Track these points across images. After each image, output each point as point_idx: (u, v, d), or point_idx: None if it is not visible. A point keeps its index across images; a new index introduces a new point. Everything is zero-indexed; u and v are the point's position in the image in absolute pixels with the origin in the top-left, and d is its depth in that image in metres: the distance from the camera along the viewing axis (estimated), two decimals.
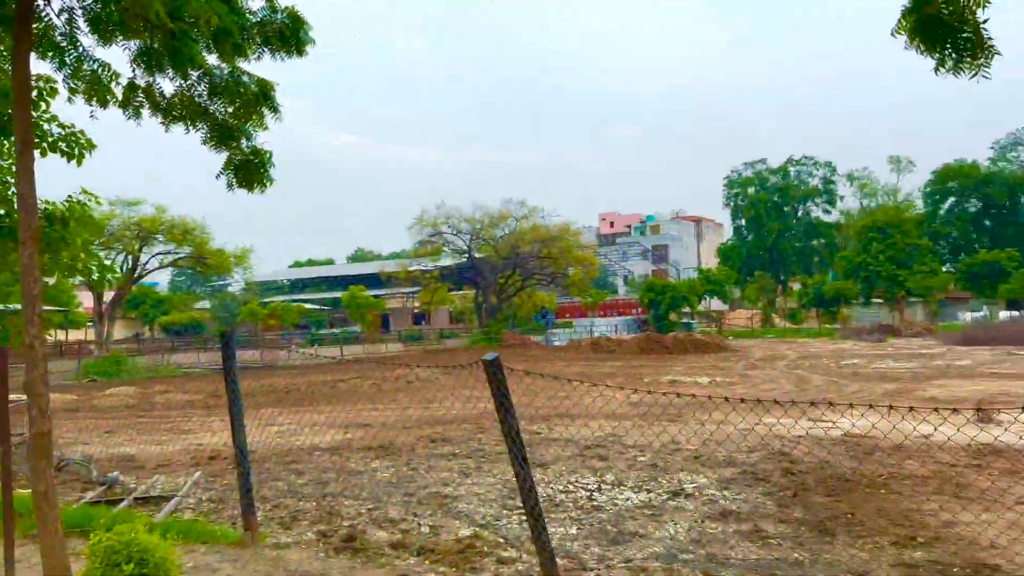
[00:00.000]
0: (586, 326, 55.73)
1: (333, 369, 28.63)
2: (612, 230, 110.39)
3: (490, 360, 5.03)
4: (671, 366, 26.93)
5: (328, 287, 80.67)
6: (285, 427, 13.49)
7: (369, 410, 16.04)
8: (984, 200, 69.12)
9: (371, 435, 12.22)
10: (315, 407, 17.07)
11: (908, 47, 4.70)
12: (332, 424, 13.75)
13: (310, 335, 55.04)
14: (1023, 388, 16.65)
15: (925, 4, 4.50)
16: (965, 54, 4.52)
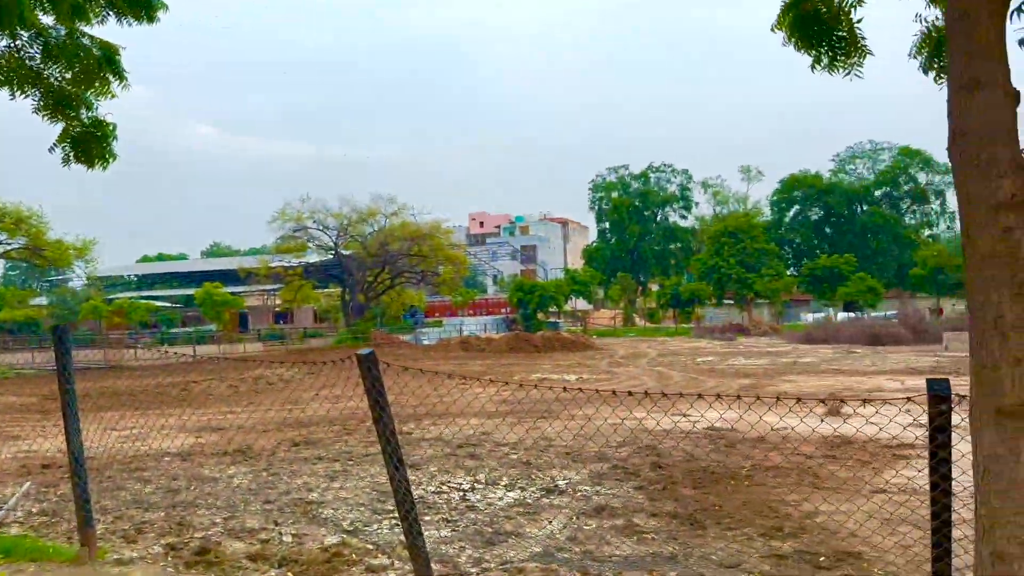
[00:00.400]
0: (455, 325, 55.58)
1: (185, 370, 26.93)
2: (482, 230, 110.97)
3: (365, 355, 4.70)
4: (540, 364, 27.21)
5: (181, 284, 76.21)
6: (131, 431, 12.42)
7: (225, 413, 15.10)
8: (825, 209, 74.74)
9: (227, 439, 11.44)
10: (165, 410, 15.88)
11: (786, 43, 4.78)
12: (184, 428, 12.78)
13: (160, 334, 51.72)
14: (863, 383, 17.98)
15: (803, 1, 4.57)
16: (839, 52, 4.64)
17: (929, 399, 2.86)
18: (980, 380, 2.54)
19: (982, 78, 2.55)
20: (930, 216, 77.29)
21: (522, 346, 36.36)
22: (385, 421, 4.63)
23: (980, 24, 2.54)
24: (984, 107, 2.54)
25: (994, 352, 2.50)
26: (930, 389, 2.87)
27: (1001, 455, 2.45)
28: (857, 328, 38.70)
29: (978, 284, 2.54)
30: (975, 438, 2.55)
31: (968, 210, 2.58)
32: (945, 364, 22.81)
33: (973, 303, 2.58)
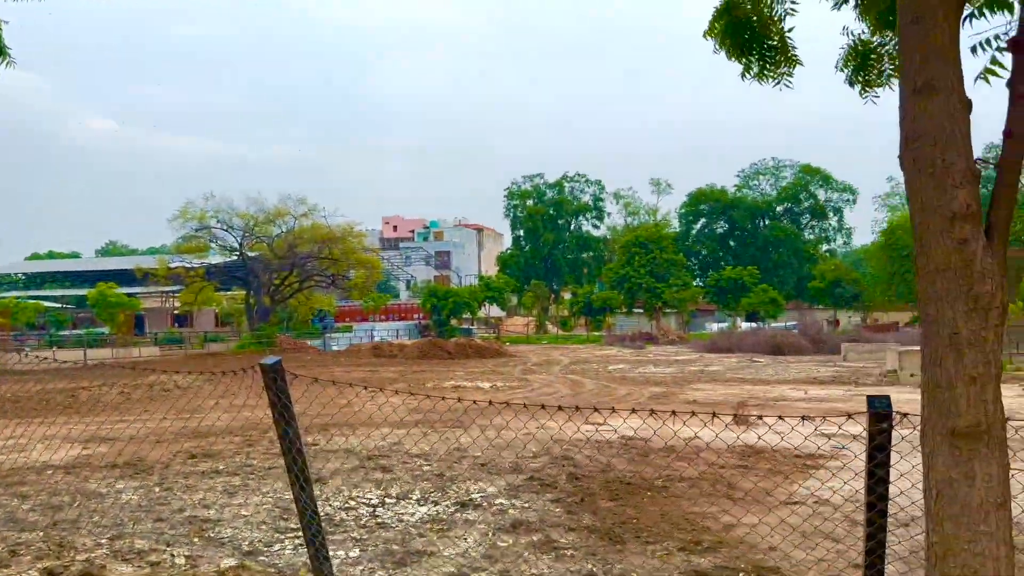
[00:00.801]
0: (367, 330, 54.53)
1: (73, 375, 25.30)
2: (396, 234, 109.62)
3: (270, 364, 4.34)
4: (453, 371, 26.88)
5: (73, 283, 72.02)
6: (9, 442, 11.42)
7: (115, 422, 14.15)
8: (730, 222, 77.31)
9: (117, 451, 10.65)
10: (49, 418, 14.75)
11: (717, 51, 4.69)
12: (69, 438, 11.86)
13: (48, 336, 48.62)
14: (768, 391, 18.47)
15: (734, 7, 4.49)
16: (769, 62, 4.58)
17: (869, 416, 2.75)
18: (933, 399, 2.44)
19: (936, 82, 2.47)
20: (828, 232, 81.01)
21: (435, 353, 35.93)
22: (291, 437, 4.27)
23: (935, 27, 2.46)
24: (938, 112, 2.45)
25: (948, 370, 2.40)
26: (870, 406, 2.77)
27: (955, 479, 2.35)
28: (759, 338, 40.03)
29: (931, 297, 2.45)
30: (927, 460, 2.45)
31: (921, 219, 2.48)
32: (844, 374, 23.76)
33: (925, 317, 2.48)
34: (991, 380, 2.38)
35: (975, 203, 2.43)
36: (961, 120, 2.47)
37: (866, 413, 2.79)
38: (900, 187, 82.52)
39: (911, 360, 19.38)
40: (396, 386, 20.92)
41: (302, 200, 51.97)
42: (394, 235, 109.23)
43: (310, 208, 52.01)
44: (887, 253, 58.11)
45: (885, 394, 2.79)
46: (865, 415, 2.81)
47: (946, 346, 2.41)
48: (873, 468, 2.79)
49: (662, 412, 5.81)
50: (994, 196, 2.55)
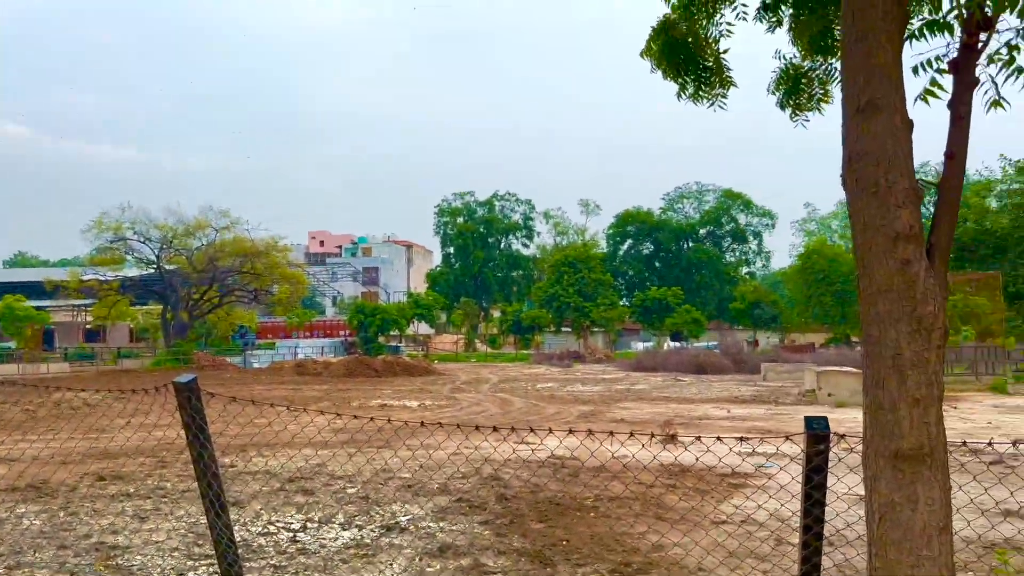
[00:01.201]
0: (290, 347, 53.21)
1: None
2: (322, 249, 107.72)
3: (184, 383, 4.08)
4: (380, 389, 26.40)
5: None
6: None
7: (17, 441, 13.28)
8: (655, 244, 78.95)
9: (18, 472, 9.97)
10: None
11: (654, 70, 4.70)
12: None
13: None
14: (692, 410, 18.76)
15: (671, 27, 4.51)
16: (704, 83, 4.61)
17: (807, 437, 2.73)
18: (876, 421, 2.42)
19: (879, 101, 2.47)
20: (748, 255, 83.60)
21: (362, 370, 35.25)
22: (206, 460, 4.01)
23: (879, 47, 2.47)
24: (881, 132, 2.46)
25: (891, 392, 2.38)
26: (808, 427, 2.75)
27: (898, 502, 2.33)
28: (683, 357, 40.79)
29: (873, 318, 2.43)
30: (869, 484, 2.42)
31: (864, 239, 2.47)
32: (764, 393, 24.35)
33: (868, 338, 2.47)
34: (934, 402, 2.38)
35: (917, 224, 2.43)
36: (904, 140, 2.48)
37: (804, 434, 2.76)
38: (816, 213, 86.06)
39: (828, 380, 20.01)
40: (320, 405, 20.38)
41: (224, 212, 50.57)
42: (321, 250, 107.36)
43: (232, 221, 50.63)
44: (803, 277, 60.27)
45: (822, 415, 2.77)
46: (803, 436, 2.79)
47: (889, 367, 2.40)
48: (810, 490, 2.76)
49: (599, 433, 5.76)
50: (935, 217, 2.57)
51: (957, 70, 2.62)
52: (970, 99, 2.61)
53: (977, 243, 29.89)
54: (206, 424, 4.01)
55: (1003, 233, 28.96)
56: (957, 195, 2.55)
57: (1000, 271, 28.94)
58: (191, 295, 49.60)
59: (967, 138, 2.58)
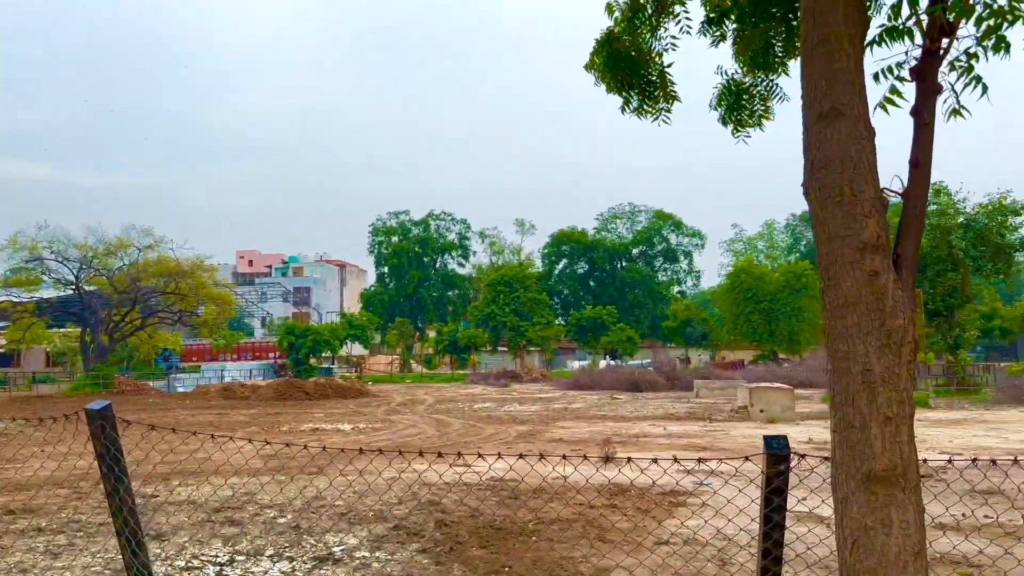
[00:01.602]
0: (217, 370, 51.53)
1: None
2: (251, 269, 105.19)
3: (97, 410, 3.74)
4: (311, 413, 25.69)
5: None
6: None
7: None
8: (590, 263, 79.76)
9: None
10: None
11: (597, 83, 4.61)
12: None
13: None
14: (630, 428, 18.79)
15: (614, 40, 4.43)
16: (648, 97, 4.54)
17: (767, 458, 2.62)
18: (846, 441, 2.31)
19: (843, 107, 2.40)
20: (679, 274, 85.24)
21: (292, 393, 34.30)
22: (122, 494, 3.69)
23: (841, 51, 2.40)
24: (844, 138, 2.38)
25: (862, 409, 2.28)
26: (768, 447, 2.64)
27: (871, 527, 2.22)
28: (618, 375, 41.12)
29: (840, 332, 2.34)
30: (840, 507, 2.31)
31: (829, 250, 2.38)
32: (698, 410, 24.64)
33: (835, 353, 2.37)
34: (906, 420, 2.30)
35: (884, 233, 2.36)
36: (868, 147, 2.41)
37: (763, 454, 2.65)
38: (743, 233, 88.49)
39: (760, 397, 20.36)
40: (248, 430, 19.66)
41: (147, 231, 48.85)
42: (249, 270, 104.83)
43: (156, 240, 48.92)
44: (732, 295, 61.73)
45: (781, 434, 2.67)
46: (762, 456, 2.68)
47: (859, 384, 2.30)
48: (769, 512, 2.66)
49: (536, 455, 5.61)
50: (901, 227, 2.51)
51: (920, 77, 2.58)
52: (934, 106, 2.57)
53: None
54: (122, 455, 3.69)
55: (922, 253, 30.16)
56: (923, 204, 2.50)
57: (920, 289, 30.11)
58: (112, 317, 47.62)
59: (931, 145, 2.54)
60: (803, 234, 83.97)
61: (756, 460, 2.95)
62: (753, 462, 2.80)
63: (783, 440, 2.65)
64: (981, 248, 29.65)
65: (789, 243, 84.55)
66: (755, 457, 2.62)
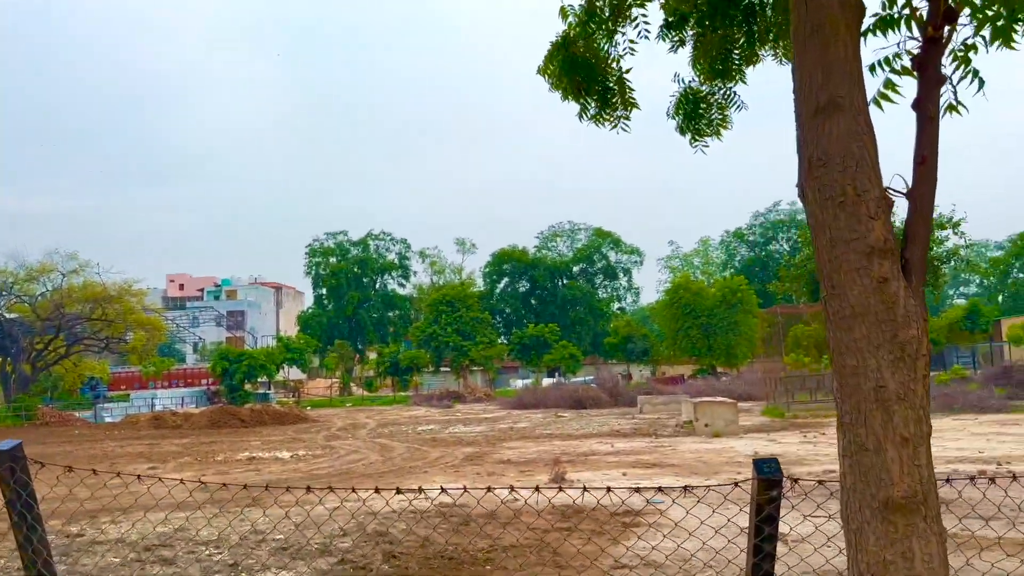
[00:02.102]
0: (147, 399, 49.56)
1: None
2: (182, 293, 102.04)
3: (6, 451, 3.34)
4: (248, 441, 24.78)
5: None
6: None
7: None
8: (531, 282, 79.87)
9: None
10: None
11: (552, 90, 4.42)
12: None
13: None
14: (577, 446, 18.61)
15: (570, 43, 4.25)
16: (607, 104, 4.37)
17: (757, 483, 2.41)
18: (859, 465, 2.11)
19: (841, 99, 2.23)
20: (619, 291, 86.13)
21: (227, 421, 33.13)
22: (36, 546, 3.28)
23: (837, 39, 2.23)
24: (845, 133, 2.20)
25: (876, 430, 2.08)
26: (759, 471, 2.43)
27: (891, 560, 2.01)
28: (562, 393, 41.02)
29: (848, 346, 2.14)
30: (854, 539, 2.10)
31: (832, 256, 2.19)
32: (642, 426, 24.67)
33: (842, 368, 2.17)
34: (923, 440, 2.11)
35: (892, 236, 2.18)
36: (869, 142, 2.24)
37: (752, 480, 2.45)
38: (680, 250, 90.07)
39: (705, 411, 20.46)
40: (180, 460, 18.81)
41: (72, 255, 46.94)
42: (181, 294, 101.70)
43: (81, 264, 47.05)
44: (671, 311, 62.59)
45: (772, 456, 2.47)
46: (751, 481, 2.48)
47: (871, 402, 2.10)
48: (760, 543, 2.45)
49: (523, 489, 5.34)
50: (908, 230, 2.33)
51: (922, 66, 2.44)
52: (938, 97, 2.43)
53: None
54: (35, 501, 3.28)
55: None
56: (930, 205, 2.34)
57: None
58: (34, 345, 45.43)
59: (937, 141, 2.39)
60: (736, 250, 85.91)
61: (737, 482, 2.74)
62: (743, 488, 2.60)
63: (774, 464, 2.45)
64: None
65: (724, 259, 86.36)
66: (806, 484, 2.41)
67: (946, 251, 31.44)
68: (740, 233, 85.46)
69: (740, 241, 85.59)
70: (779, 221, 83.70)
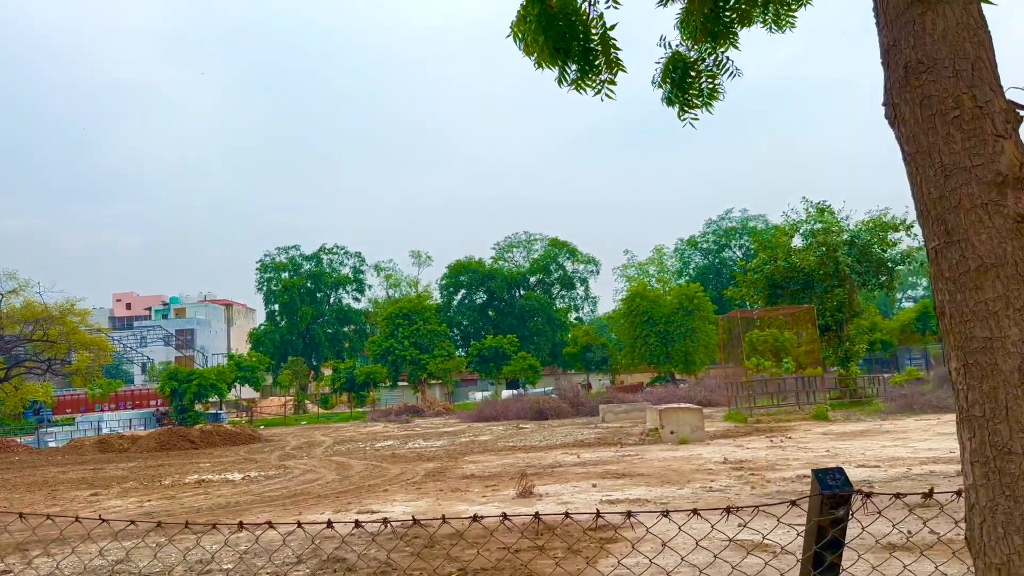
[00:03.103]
0: (93, 422, 47.58)
1: None
2: (129, 312, 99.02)
3: None
4: (197, 463, 23.65)
5: None
6: None
7: None
8: (488, 293, 79.27)
9: None
10: None
11: (526, 55, 3.88)
12: None
13: None
14: (542, 458, 18.04)
15: None
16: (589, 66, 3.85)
17: (819, 500, 1.89)
18: (999, 473, 1.55)
19: None
20: (576, 301, 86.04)
21: (176, 443, 31.77)
22: None
23: None
24: (955, 27, 1.69)
25: (1022, 422, 1.56)
26: (821, 485, 1.89)
27: None
28: (523, 404, 40.44)
29: (976, 311, 1.59)
30: (998, 572, 1.58)
31: (946, 190, 1.64)
32: (606, 435, 24.22)
33: (968, 343, 1.62)
34: None
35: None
36: (987, 40, 1.73)
37: (812, 497, 1.93)
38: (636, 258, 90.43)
39: (670, 418, 20.09)
40: (125, 485, 17.75)
41: (11, 275, 44.95)
42: (127, 313, 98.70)
43: (21, 284, 45.00)
44: (628, 319, 62.63)
45: (836, 466, 1.94)
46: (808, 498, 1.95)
47: (1016, 386, 1.57)
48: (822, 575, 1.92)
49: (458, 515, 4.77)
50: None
51: None
52: None
53: (788, 279, 31.96)
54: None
55: (810, 270, 31.16)
56: None
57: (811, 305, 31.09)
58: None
59: None
60: (691, 258, 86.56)
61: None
62: (800, 507, 2.08)
63: (840, 476, 1.91)
64: (865, 263, 30.93)
65: (679, 267, 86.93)
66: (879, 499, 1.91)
67: (900, 253, 31.80)
68: (694, 241, 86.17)
69: (694, 249, 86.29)
70: (732, 228, 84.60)
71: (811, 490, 1.94)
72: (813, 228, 32.20)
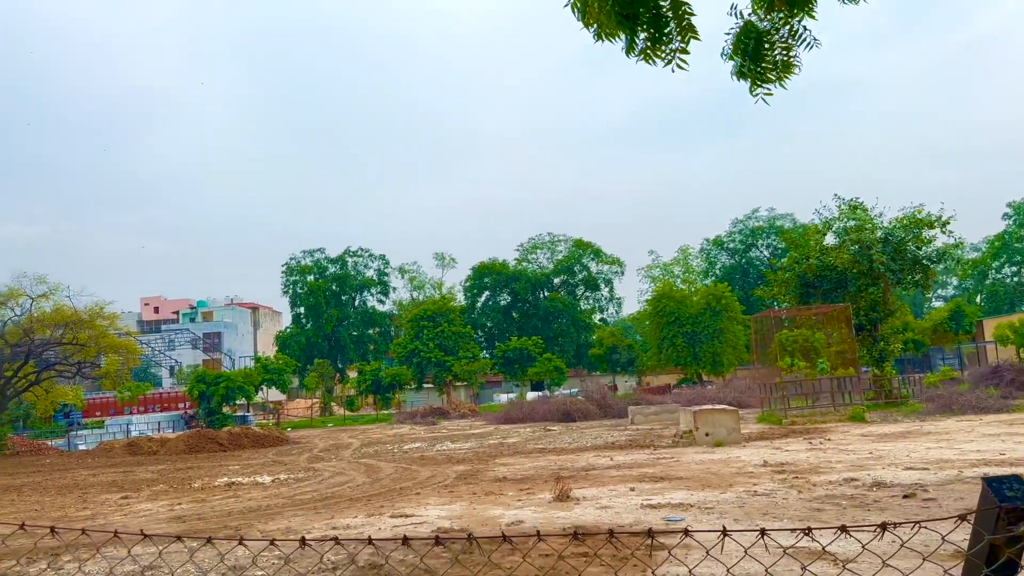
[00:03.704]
0: (122, 425, 47.99)
1: None
2: (157, 316, 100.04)
3: None
4: (227, 465, 23.61)
5: None
6: None
7: None
8: (512, 295, 78.95)
9: None
10: None
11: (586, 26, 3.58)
12: None
13: None
14: (575, 461, 17.70)
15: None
16: (659, 34, 3.54)
17: (994, 513, 1.57)
18: None
19: None
20: (601, 302, 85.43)
21: (205, 445, 31.85)
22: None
23: None
24: None
25: None
26: (997, 495, 1.57)
27: None
28: (550, 406, 40.07)
29: None
30: None
31: None
32: (637, 437, 23.84)
33: None
34: None
35: None
36: None
37: (982, 511, 1.61)
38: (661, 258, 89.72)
39: (705, 419, 19.66)
40: (155, 488, 17.68)
41: (41, 279, 45.25)
42: (155, 317, 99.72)
43: (51, 288, 45.38)
44: (655, 320, 62.02)
45: (1012, 475, 1.62)
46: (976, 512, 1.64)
47: None
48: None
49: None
50: None
51: None
52: None
53: (820, 278, 31.33)
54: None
55: (843, 268, 30.51)
56: None
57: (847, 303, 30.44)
58: (3, 372, 43.71)
59: None
60: (717, 258, 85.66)
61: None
62: (969, 520, 1.78)
63: (1019, 485, 1.60)
64: (899, 261, 30.23)
65: (704, 267, 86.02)
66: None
67: (935, 251, 31.05)
68: (720, 240, 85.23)
69: (720, 249, 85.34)
70: (758, 228, 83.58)
71: (981, 502, 1.63)
72: (846, 225, 31.54)
